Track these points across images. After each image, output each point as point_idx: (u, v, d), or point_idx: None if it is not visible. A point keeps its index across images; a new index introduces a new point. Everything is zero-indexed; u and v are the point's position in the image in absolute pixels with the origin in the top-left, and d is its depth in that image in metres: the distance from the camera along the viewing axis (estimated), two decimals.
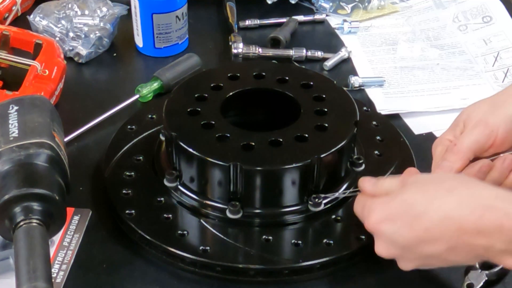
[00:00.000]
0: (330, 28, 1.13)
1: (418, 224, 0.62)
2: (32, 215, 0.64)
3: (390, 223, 0.64)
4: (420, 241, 0.62)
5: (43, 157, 0.67)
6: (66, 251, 0.73)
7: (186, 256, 0.70)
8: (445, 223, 0.61)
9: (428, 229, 0.61)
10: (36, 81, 0.90)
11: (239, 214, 0.72)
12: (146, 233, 0.72)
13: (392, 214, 0.64)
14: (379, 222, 0.64)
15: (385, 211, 0.64)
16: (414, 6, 1.17)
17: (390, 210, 0.64)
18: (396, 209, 0.64)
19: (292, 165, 0.71)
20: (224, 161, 0.70)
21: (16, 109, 0.71)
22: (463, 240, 0.60)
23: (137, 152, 0.82)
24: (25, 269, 0.60)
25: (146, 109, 0.90)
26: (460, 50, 1.07)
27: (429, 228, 0.61)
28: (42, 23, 1.03)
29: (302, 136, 0.74)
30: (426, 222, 0.61)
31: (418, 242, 0.62)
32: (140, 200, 0.76)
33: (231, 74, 0.83)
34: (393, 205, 0.64)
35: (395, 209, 0.64)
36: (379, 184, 0.68)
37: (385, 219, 0.64)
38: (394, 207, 0.64)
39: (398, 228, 0.63)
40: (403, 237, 0.63)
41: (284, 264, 0.70)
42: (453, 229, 0.60)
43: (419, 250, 0.63)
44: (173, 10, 1.02)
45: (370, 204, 0.66)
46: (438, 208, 0.61)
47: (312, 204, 0.73)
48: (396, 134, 0.87)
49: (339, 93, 0.82)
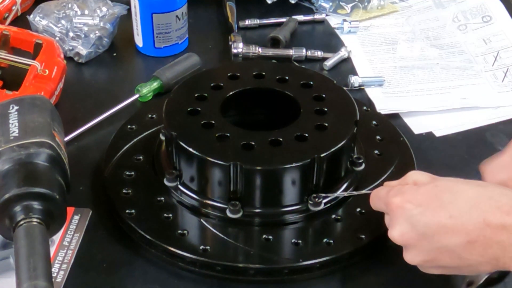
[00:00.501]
0: (330, 27, 1.13)
1: (444, 210, 0.61)
2: (32, 214, 0.64)
3: (415, 204, 0.62)
4: (440, 228, 0.61)
5: (43, 156, 0.67)
6: (66, 250, 0.73)
7: (186, 255, 0.70)
8: (471, 213, 0.60)
9: (453, 217, 0.60)
10: (36, 81, 0.90)
11: (239, 214, 0.72)
12: (146, 233, 0.72)
13: (419, 197, 0.63)
14: (404, 201, 0.63)
15: (413, 194, 0.63)
16: (414, 5, 1.17)
17: (419, 193, 0.63)
18: (425, 193, 0.63)
19: (292, 165, 0.71)
20: (224, 160, 0.70)
21: (16, 109, 0.71)
22: (485, 234, 0.59)
23: (137, 152, 0.82)
24: (25, 267, 0.60)
25: (146, 109, 0.90)
26: (459, 49, 1.07)
27: (454, 216, 0.60)
28: (42, 23, 1.03)
29: (302, 135, 0.74)
30: (452, 210, 0.60)
31: (439, 229, 0.61)
32: (140, 200, 0.76)
33: (231, 73, 0.83)
34: (423, 190, 0.63)
35: (424, 193, 0.63)
36: (409, 175, 0.67)
37: (411, 200, 0.63)
38: (423, 191, 0.63)
39: (422, 210, 0.62)
40: (424, 221, 0.62)
41: (284, 264, 0.70)
42: (478, 221, 0.59)
43: (436, 239, 0.62)
44: (173, 10, 1.02)
45: (398, 188, 0.65)
46: (467, 197, 0.61)
47: (312, 203, 0.73)
48: (396, 134, 0.87)
49: (339, 92, 0.82)
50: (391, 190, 0.66)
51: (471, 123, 0.93)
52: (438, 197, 0.62)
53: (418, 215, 0.62)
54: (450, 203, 0.61)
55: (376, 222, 0.73)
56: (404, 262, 0.67)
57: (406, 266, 0.68)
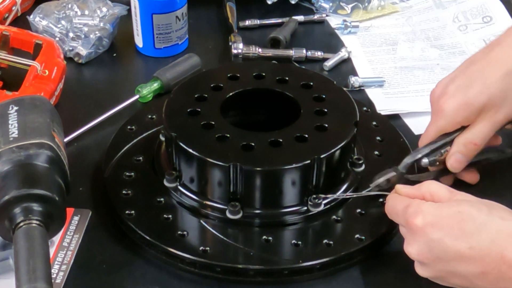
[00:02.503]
0: (330, 28, 1.13)
1: (464, 241, 0.62)
2: (32, 216, 0.63)
3: (436, 229, 0.63)
4: (458, 257, 0.62)
5: (43, 157, 0.67)
6: (66, 251, 0.73)
7: (186, 256, 0.70)
8: (490, 248, 0.61)
9: (472, 248, 0.61)
10: (36, 82, 0.90)
11: (239, 215, 0.72)
12: (146, 234, 0.72)
13: (442, 221, 0.63)
14: (427, 225, 0.63)
15: (435, 216, 0.63)
16: (414, 6, 1.17)
17: (442, 217, 0.63)
18: (449, 218, 0.63)
19: (292, 166, 0.71)
20: (224, 161, 0.70)
21: (16, 110, 0.71)
22: (500, 268, 0.60)
23: (137, 153, 0.82)
24: (25, 269, 0.59)
25: (146, 110, 0.90)
26: (460, 50, 1.07)
27: (473, 248, 0.61)
28: (42, 23, 1.03)
29: (302, 136, 0.74)
30: (472, 241, 0.61)
31: (456, 257, 0.62)
32: (140, 201, 0.76)
33: (231, 74, 0.83)
34: (446, 213, 0.63)
35: (447, 217, 0.63)
36: (425, 186, 0.67)
37: (433, 224, 0.63)
38: (446, 215, 0.63)
39: (443, 236, 0.62)
40: (443, 247, 0.62)
41: (284, 265, 0.70)
42: (496, 255, 0.60)
43: (451, 264, 0.63)
44: (173, 10, 1.02)
45: (418, 204, 0.65)
46: (489, 231, 0.61)
47: (312, 204, 0.73)
48: (396, 135, 0.87)
49: (339, 93, 0.81)
50: (409, 206, 0.66)
51: None
52: (461, 226, 0.62)
53: (437, 241, 0.63)
54: (471, 234, 0.62)
55: (376, 223, 0.73)
56: (404, 264, 0.68)
57: (406, 267, 0.68)
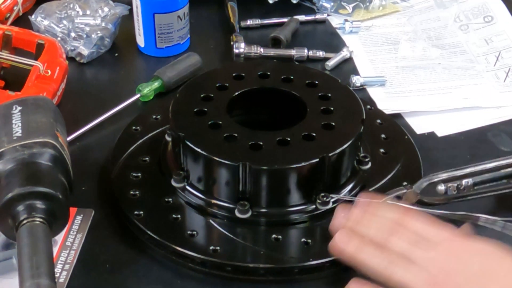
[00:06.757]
0: (331, 28, 1.13)
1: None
2: (35, 214, 0.63)
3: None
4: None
5: (46, 156, 0.67)
6: (69, 251, 0.72)
7: (197, 256, 0.70)
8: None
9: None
10: (38, 81, 0.89)
11: (248, 214, 0.72)
12: (156, 234, 0.72)
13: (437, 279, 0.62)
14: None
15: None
16: (416, 5, 1.17)
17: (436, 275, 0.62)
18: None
19: (301, 164, 0.71)
20: (233, 161, 0.70)
21: (19, 110, 0.71)
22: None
23: (143, 153, 0.81)
24: (28, 266, 0.59)
25: (150, 110, 0.89)
26: (461, 49, 1.07)
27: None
28: (43, 23, 1.02)
29: (310, 135, 0.74)
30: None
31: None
32: (148, 201, 0.75)
33: (236, 74, 0.83)
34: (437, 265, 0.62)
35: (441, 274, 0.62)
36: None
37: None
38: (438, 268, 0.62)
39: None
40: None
41: (294, 263, 0.70)
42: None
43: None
44: (174, 10, 1.01)
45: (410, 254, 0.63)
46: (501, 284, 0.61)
47: (321, 202, 0.73)
48: (400, 132, 0.87)
49: (344, 91, 0.82)
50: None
51: (473, 123, 0.93)
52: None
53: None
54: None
55: None
56: None
57: None
